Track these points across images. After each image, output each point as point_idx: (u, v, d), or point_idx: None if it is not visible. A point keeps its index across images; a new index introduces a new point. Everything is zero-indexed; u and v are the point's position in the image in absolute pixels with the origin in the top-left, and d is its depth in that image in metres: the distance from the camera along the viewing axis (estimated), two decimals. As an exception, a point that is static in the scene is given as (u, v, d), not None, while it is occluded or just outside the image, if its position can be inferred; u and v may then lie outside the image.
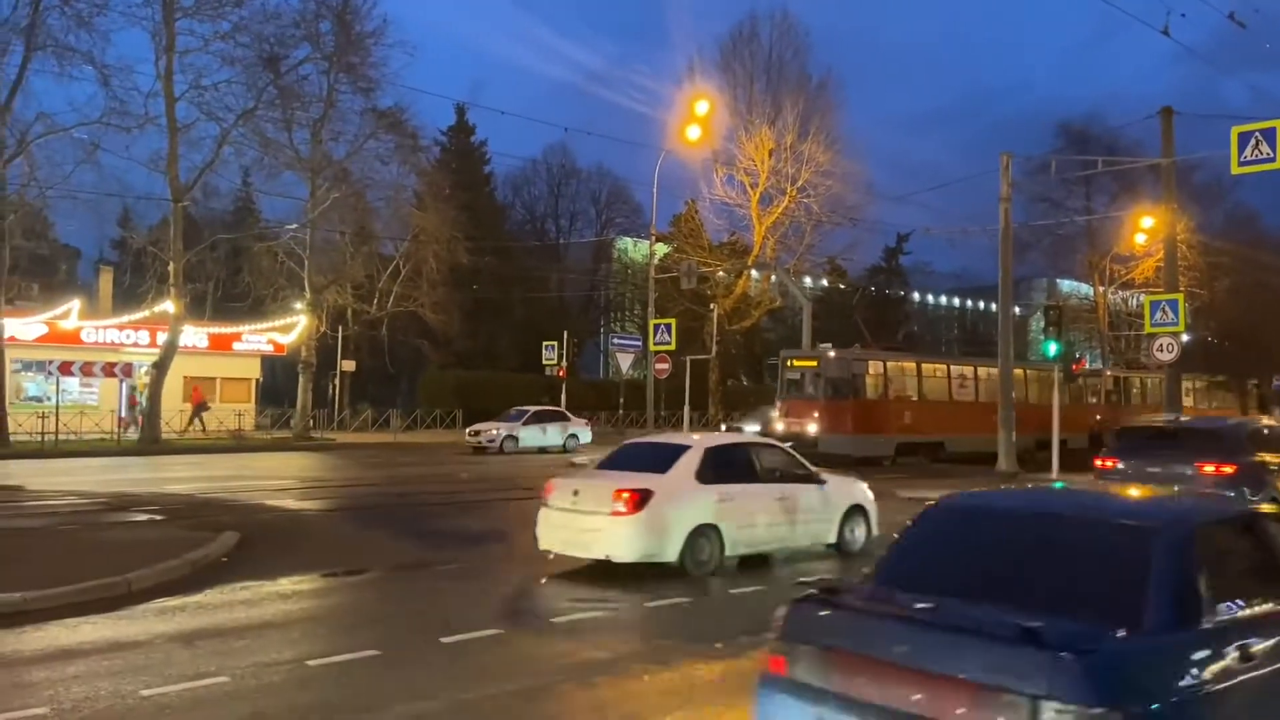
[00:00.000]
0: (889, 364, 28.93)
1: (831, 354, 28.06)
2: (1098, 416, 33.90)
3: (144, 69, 30.60)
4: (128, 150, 29.17)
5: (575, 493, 10.35)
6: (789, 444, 25.08)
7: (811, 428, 26.44)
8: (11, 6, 26.63)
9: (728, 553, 10.36)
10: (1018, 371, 32.54)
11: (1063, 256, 51.81)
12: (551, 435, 31.76)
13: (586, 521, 10.03)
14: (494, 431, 31.13)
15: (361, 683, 6.58)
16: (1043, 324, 28.77)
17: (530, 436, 31.24)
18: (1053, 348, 22.62)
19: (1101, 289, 49.49)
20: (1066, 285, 63.77)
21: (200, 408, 35.28)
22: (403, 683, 6.57)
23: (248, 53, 31.38)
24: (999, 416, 25.00)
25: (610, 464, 11.19)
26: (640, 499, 9.77)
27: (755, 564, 10.96)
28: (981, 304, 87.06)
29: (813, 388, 27.34)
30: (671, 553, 9.91)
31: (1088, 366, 37.80)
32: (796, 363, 28.65)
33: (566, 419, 32.79)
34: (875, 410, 27.46)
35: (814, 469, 11.80)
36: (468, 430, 32.30)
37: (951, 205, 74.27)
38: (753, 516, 10.63)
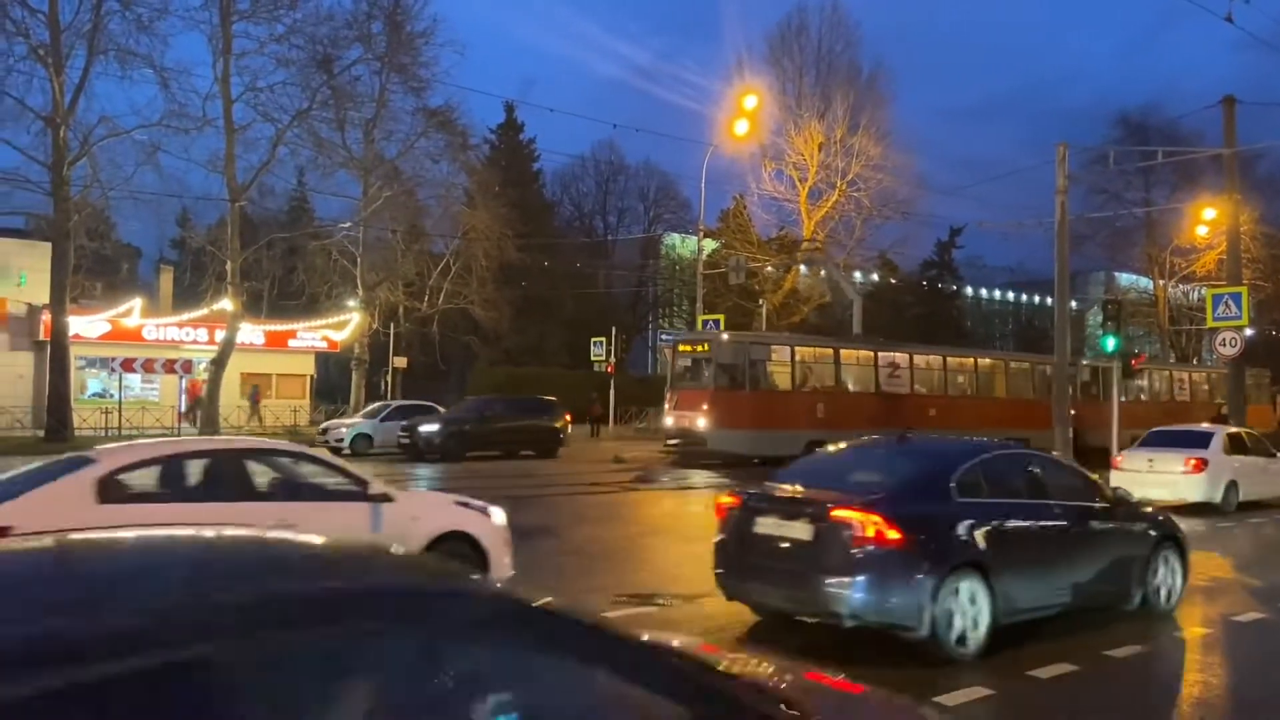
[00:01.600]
0: (798, 349, 26.00)
1: (725, 336, 25.37)
2: (1073, 412, 32.22)
3: (202, 71, 31.28)
4: (187, 151, 29.92)
5: None
6: (677, 441, 24.28)
7: (701, 422, 23.39)
8: (74, 11, 27.35)
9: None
10: (964, 361, 31.28)
11: (1121, 249, 50.74)
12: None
13: None
14: (343, 430, 26.88)
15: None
16: (1100, 318, 27.81)
17: (388, 435, 26.57)
18: (1111, 343, 22.16)
19: (1161, 282, 48.38)
20: (1125, 279, 62.44)
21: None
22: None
23: (302, 54, 31.93)
24: (1054, 414, 24.41)
25: None
26: None
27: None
28: (1037, 298, 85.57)
29: (706, 376, 24.31)
30: None
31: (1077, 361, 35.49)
32: (685, 347, 25.74)
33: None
34: (780, 402, 24.56)
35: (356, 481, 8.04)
36: (319, 427, 28.71)
37: (1005, 198, 73.47)
38: None
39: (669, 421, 24.49)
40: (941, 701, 5.90)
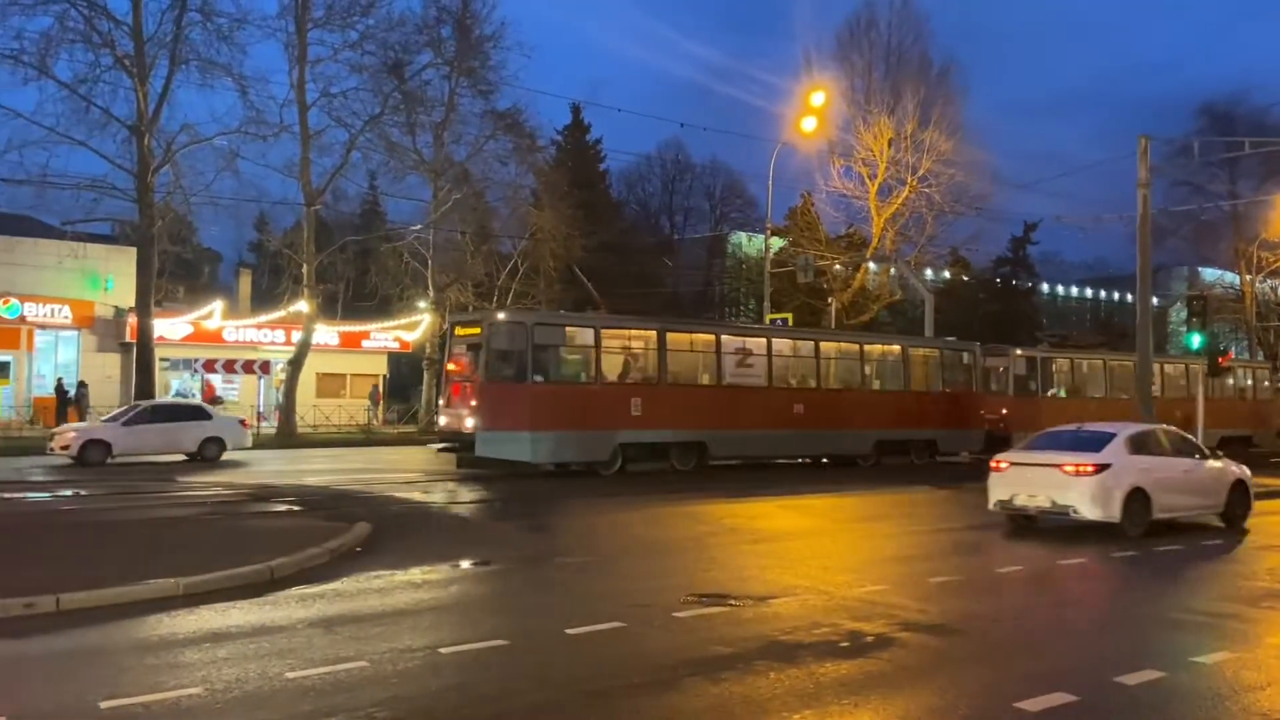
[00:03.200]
0: (603, 331, 21.15)
1: (501, 315, 21.13)
2: (1003, 410, 28.29)
3: (279, 79, 32.08)
4: (264, 157, 30.73)
5: None
6: (446, 445, 21.11)
7: (470, 421, 19.56)
8: (157, 23, 28.24)
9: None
10: (845, 347, 26.73)
11: (1206, 243, 49.05)
12: (178, 439, 23.45)
13: None
14: (70, 435, 22.55)
15: (493, 671, 6.72)
16: (1184, 315, 26.26)
17: (137, 442, 22.54)
18: (1196, 340, 21.42)
19: (1248, 277, 46.61)
20: (1210, 274, 60.30)
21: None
22: (532, 672, 6.68)
23: (374, 60, 32.58)
24: (1139, 411, 23.50)
25: None
26: None
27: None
28: (1116, 294, 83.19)
29: (478, 364, 20.19)
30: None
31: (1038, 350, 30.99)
32: (461, 331, 21.37)
33: (205, 417, 24.34)
34: (577, 397, 20.55)
35: None
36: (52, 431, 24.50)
37: (1083, 193, 71.61)
38: None
39: (441, 421, 21.13)
40: (1023, 708, 5.78)
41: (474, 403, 19.55)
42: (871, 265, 42.35)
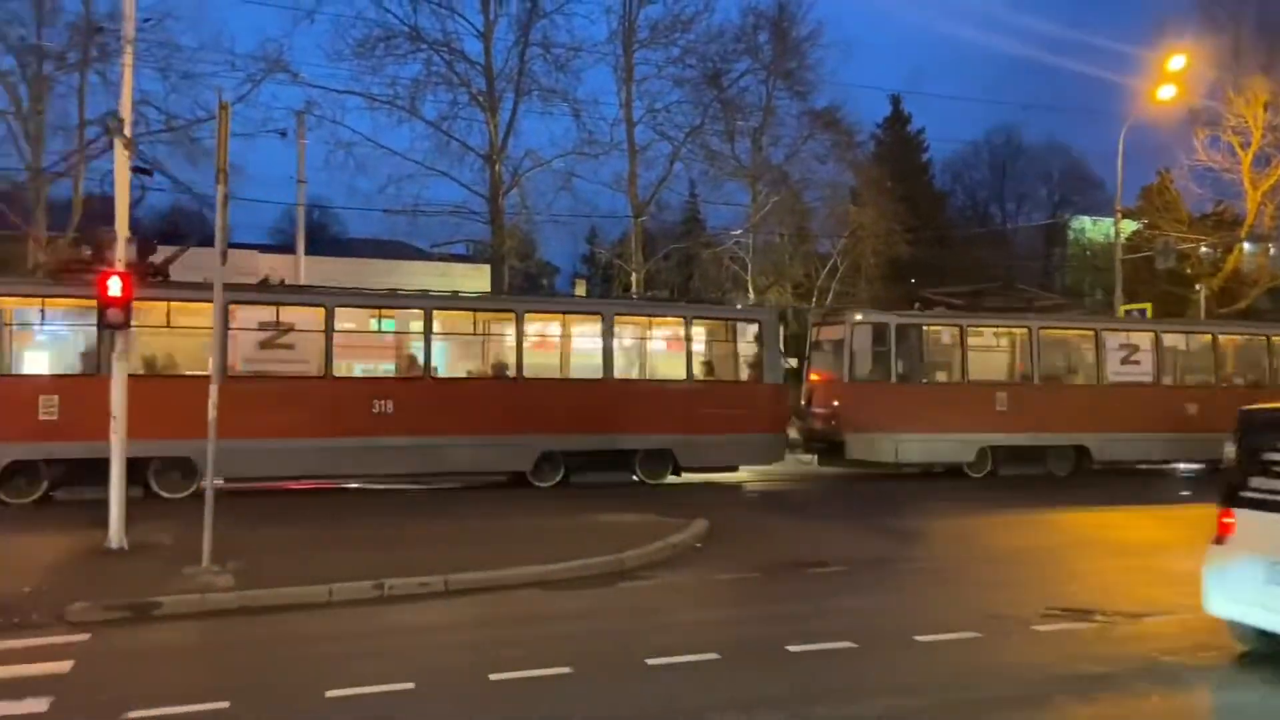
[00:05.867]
0: (968, 329, 20.42)
1: (860, 317, 20.49)
2: (835, 403, 20.78)
3: (608, 100, 33.99)
4: (595, 174, 32.71)
5: None
6: (812, 445, 19.70)
7: (835, 422, 19.49)
8: (504, 59, 31.03)
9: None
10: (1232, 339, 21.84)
11: None
12: None
13: None
14: None
15: (843, 671, 6.64)
16: None
17: None
18: None
19: None
20: None
21: None
22: (884, 676, 6.52)
23: (694, 73, 33.59)
24: None
25: None
26: None
27: None
28: None
29: (841, 366, 20.04)
30: None
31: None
32: (823, 331, 21.69)
33: None
34: (941, 398, 19.95)
35: None
36: None
37: None
38: None
39: (806, 420, 20.56)
40: None
41: (837, 403, 19.42)
42: (1247, 246, 37.23)
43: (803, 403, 21.26)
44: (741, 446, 18.40)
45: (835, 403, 19.61)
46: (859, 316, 20.48)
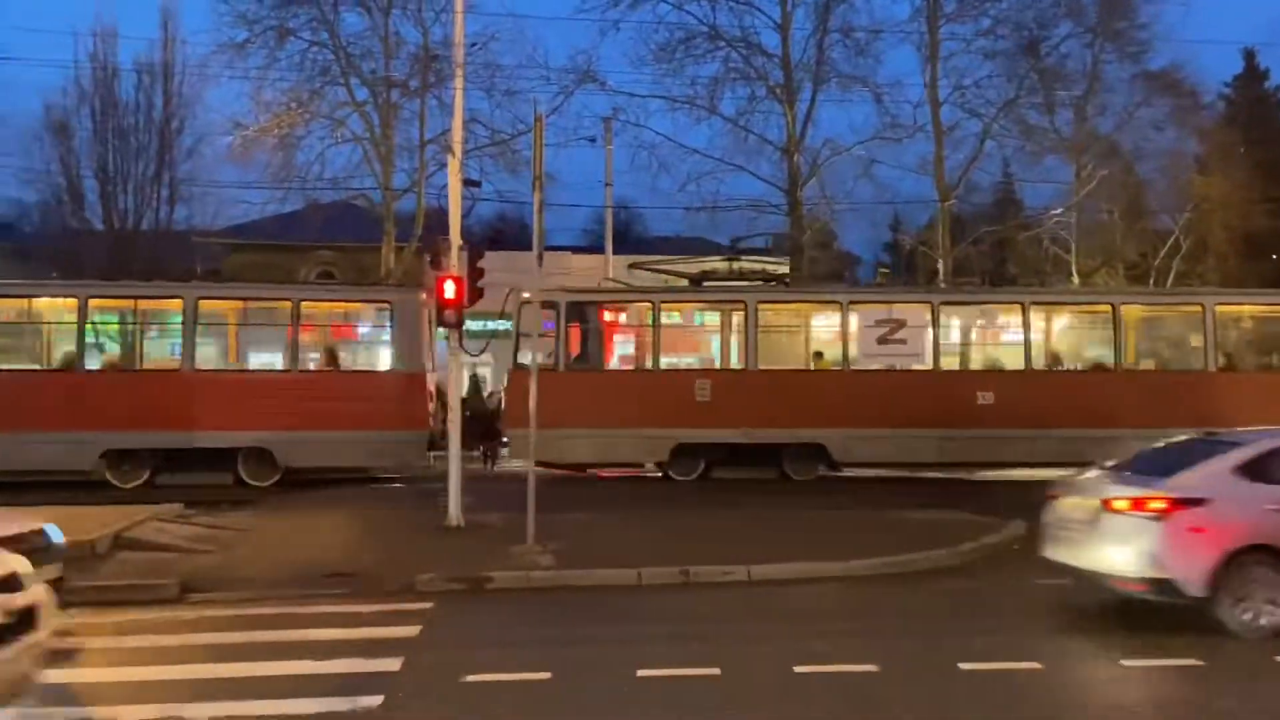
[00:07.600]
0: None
1: None
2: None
3: (911, 80, 32.79)
4: (897, 159, 31.52)
5: None
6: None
7: None
8: (801, 50, 30.78)
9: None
10: None
11: None
12: None
13: None
14: None
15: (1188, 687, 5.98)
16: None
17: None
18: None
19: None
20: None
21: None
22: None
23: (1007, 43, 31.51)
24: None
25: None
26: None
27: None
28: None
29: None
30: None
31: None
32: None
33: None
34: None
35: None
36: None
37: None
38: None
39: None
40: None
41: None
42: None
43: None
44: (362, 445, 16.22)
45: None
46: (525, 295, 15.53)
